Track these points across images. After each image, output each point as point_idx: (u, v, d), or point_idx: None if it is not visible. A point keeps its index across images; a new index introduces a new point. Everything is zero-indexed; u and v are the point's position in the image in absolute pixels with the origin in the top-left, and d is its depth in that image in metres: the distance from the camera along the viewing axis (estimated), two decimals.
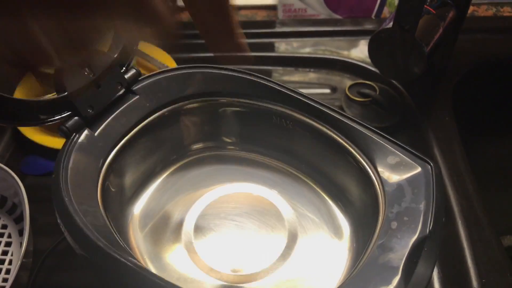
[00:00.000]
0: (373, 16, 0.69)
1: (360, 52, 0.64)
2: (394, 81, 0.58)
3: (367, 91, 0.56)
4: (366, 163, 0.34)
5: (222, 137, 0.42)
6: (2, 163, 0.44)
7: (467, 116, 0.61)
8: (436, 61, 0.58)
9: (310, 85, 0.62)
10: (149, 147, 0.39)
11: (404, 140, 0.53)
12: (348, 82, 0.59)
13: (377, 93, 0.57)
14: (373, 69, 0.60)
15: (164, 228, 0.38)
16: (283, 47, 0.66)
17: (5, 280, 0.43)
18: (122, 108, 0.37)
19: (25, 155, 0.53)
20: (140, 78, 0.38)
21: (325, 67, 0.63)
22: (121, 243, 0.30)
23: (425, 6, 0.50)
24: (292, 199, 0.40)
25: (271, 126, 0.40)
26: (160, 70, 0.40)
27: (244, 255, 0.37)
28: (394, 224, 0.31)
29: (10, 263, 0.44)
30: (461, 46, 0.58)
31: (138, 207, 0.39)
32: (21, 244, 0.42)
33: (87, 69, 0.35)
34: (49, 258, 0.44)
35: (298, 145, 0.40)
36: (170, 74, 0.39)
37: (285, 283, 0.35)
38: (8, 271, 0.43)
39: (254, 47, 0.65)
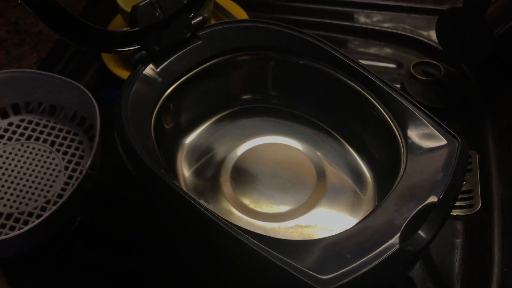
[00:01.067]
0: None
1: (434, 31, 0.62)
2: (462, 65, 0.57)
3: (431, 70, 0.56)
4: (396, 128, 0.36)
5: (269, 91, 0.46)
6: (87, 90, 0.51)
7: None
8: (510, 48, 0.55)
9: (377, 58, 0.62)
10: (203, 90, 0.43)
11: (458, 123, 0.53)
12: (415, 60, 0.59)
13: (441, 73, 0.56)
14: (442, 50, 0.59)
15: (207, 163, 0.43)
16: (360, 18, 0.66)
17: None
18: (184, 50, 0.41)
19: (107, 85, 0.60)
20: (206, 25, 0.42)
21: (396, 43, 0.63)
22: (165, 165, 0.35)
23: None
24: (326, 156, 0.42)
25: (316, 86, 0.42)
26: (225, 21, 0.43)
27: (274, 199, 0.40)
28: (407, 188, 0.32)
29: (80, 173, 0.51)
30: None
31: (188, 140, 0.44)
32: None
33: (158, 10, 0.39)
34: (113, 174, 0.50)
35: (337, 105, 0.42)
36: (233, 25, 0.43)
37: (305, 228, 0.38)
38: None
39: (331, 14, 0.66)
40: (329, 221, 0.39)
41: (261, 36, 0.42)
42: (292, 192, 0.40)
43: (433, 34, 0.63)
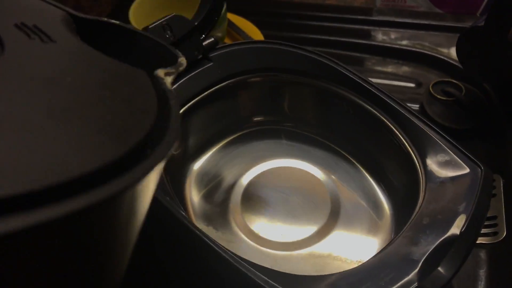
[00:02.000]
0: (478, 13, 0.65)
1: (455, 49, 0.61)
2: (485, 85, 0.55)
3: (451, 90, 0.54)
4: (415, 155, 0.34)
5: (281, 113, 0.44)
6: None
7: None
8: None
9: (395, 77, 0.60)
10: (213, 112, 0.42)
11: (480, 146, 0.50)
12: (434, 79, 0.57)
13: (463, 93, 0.54)
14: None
15: (216, 188, 0.42)
16: (377, 35, 0.65)
17: None
18: (195, 72, 0.40)
19: None
20: (217, 47, 0.41)
21: (414, 61, 0.61)
22: (171, 192, 0.34)
23: None
24: (341, 181, 0.41)
25: (331, 109, 0.41)
26: (237, 42, 0.42)
27: (285, 226, 0.39)
28: (426, 219, 0.30)
29: None
30: None
31: (197, 165, 0.43)
32: None
33: (169, 32, 0.39)
34: None
35: (353, 130, 0.40)
36: (245, 46, 0.42)
37: (318, 258, 0.37)
38: None
39: (348, 33, 0.65)
40: (343, 250, 0.37)
41: (274, 57, 0.41)
42: (305, 219, 0.39)
43: (453, 52, 0.61)
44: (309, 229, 0.38)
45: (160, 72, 0.21)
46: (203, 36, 0.41)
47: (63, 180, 0.12)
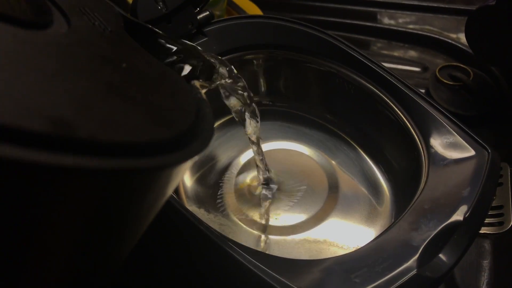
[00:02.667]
0: None
1: (463, 33, 0.58)
2: (494, 69, 0.53)
3: (459, 74, 0.52)
4: (418, 136, 0.32)
5: (278, 93, 0.42)
6: None
7: None
8: None
9: (401, 61, 0.58)
10: (207, 91, 0.40)
11: (487, 133, 0.48)
12: (441, 63, 0.55)
13: (470, 78, 0.52)
14: (472, 52, 0.55)
15: (210, 170, 0.40)
16: (384, 18, 0.63)
17: None
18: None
19: None
20: (213, 21, 0.39)
21: (421, 45, 0.59)
22: None
23: None
24: (339, 164, 0.39)
25: (330, 88, 0.39)
26: (233, 16, 0.40)
27: (280, 209, 0.37)
28: (428, 204, 0.28)
29: None
30: None
31: None
32: None
33: (161, 3, 0.37)
34: None
35: (354, 110, 0.38)
36: (241, 21, 0.40)
37: (312, 243, 0.35)
38: None
39: (353, 14, 0.63)
40: (340, 236, 0.35)
41: (272, 33, 0.39)
42: (301, 203, 0.37)
43: (461, 36, 0.58)
44: (305, 214, 0.36)
45: (196, 83, 0.25)
46: (198, 9, 0.39)
47: (141, 140, 0.14)
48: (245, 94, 0.30)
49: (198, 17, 0.39)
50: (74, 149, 0.12)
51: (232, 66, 0.29)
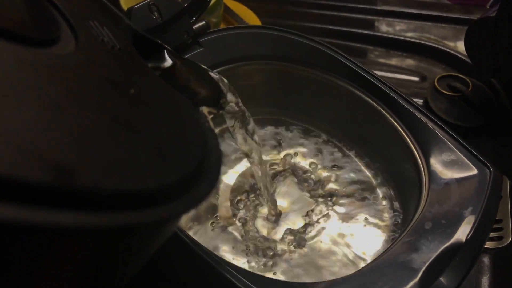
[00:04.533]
0: (488, 5, 0.62)
1: (462, 42, 0.58)
2: (493, 80, 0.52)
3: (457, 85, 0.51)
4: (419, 154, 0.32)
5: (276, 104, 0.41)
6: None
7: None
8: None
9: (398, 70, 0.58)
10: None
11: (486, 145, 0.48)
12: (439, 73, 0.54)
13: (469, 89, 0.51)
14: (471, 63, 0.54)
15: None
16: (381, 26, 0.62)
17: None
18: (184, 57, 0.37)
19: None
20: (209, 31, 0.39)
21: (420, 54, 0.58)
22: None
23: None
24: (336, 177, 0.38)
25: (327, 100, 0.38)
26: (231, 27, 0.40)
27: (271, 223, 0.36)
28: (428, 224, 0.28)
29: None
30: None
31: None
32: None
33: (156, 13, 0.36)
34: None
35: (351, 124, 0.38)
36: (238, 31, 0.39)
37: (310, 262, 0.34)
38: None
39: (351, 22, 0.62)
40: (335, 254, 0.34)
41: (269, 44, 0.38)
42: (293, 219, 0.36)
43: (460, 45, 0.58)
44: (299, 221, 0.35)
45: (205, 110, 0.24)
46: (194, 19, 0.38)
47: (149, 187, 0.13)
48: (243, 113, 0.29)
49: (194, 27, 0.38)
50: (76, 202, 0.11)
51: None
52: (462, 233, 0.27)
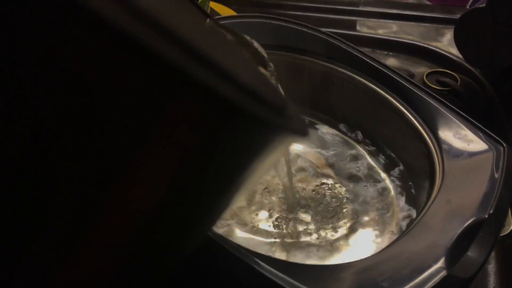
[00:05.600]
0: (468, 5, 0.63)
1: (446, 41, 0.59)
2: (479, 74, 0.53)
3: (447, 80, 0.52)
4: (425, 130, 0.31)
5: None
6: None
7: None
8: None
9: None
10: None
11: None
12: (427, 70, 0.55)
13: (458, 84, 0.52)
14: (456, 59, 0.55)
15: None
16: (364, 27, 0.62)
17: None
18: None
19: None
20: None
21: (404, 52, 0.59)
22: None
23: None
24: (343, 168, 0.37)
25: (330, 89, 0.37)
26: (229, 15, 0.39)
27: (280, 215, 0.34)
28: (449, 201, 0.27)
29: None
30: None
31: None
32: None
33: None
34: None
35: (357, 111, 0.37)
36: (237, 20, 0.38)
37: (328, 249, 0.32)
38: None
39: (335, 23, 0.62)
40: (354, 240, 0.33)
41: (269, 33, 0.38)
42: (308, 205, 0.35)
43: (441, 44, 0.59)
44: (315, 217, 0.34)
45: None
46: None
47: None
48: None
49: None
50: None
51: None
52: (483, 209, 0.26)
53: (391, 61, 0.59)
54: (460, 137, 0.30)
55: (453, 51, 0.52)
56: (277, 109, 0.14)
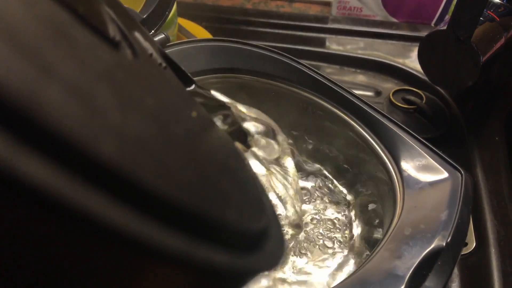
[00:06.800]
0: (433, 23, 0.65)
1: (413, 57, 0.60)
2: (443, 92, 0.54)
3: (412, 98, 0.53)
4: (389, 160, 0.31)
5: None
6: None
7: None
8: (494, 75, 0.53)
9: (353, 86, 0.58)
10: None
11: (445, 155, 0.49)
12: (394, 88, 0.56)
13: (423, 101, 0.53)
14: (422, 76, 0.56)
15: None
16: (333, 44, 0.63)
17: None
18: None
19: None
20: (168, 45, 0.37)
21: (372, 70, 0.60)
22: None
23: (488, 12, 0.46)
24: (304, 193, 0.37)
25: (291, 112, 0.38)
26: (191, 40, 0.38)
27: None
28: (408, 230, 0.27)
29: None
30: None
31: None
32: None
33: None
34: None
35: (316, 134, 0.37)
36: (200, 44, 0.38)
37: (289, 282, 0.33)
38: None
39: (303, 40, 0.63)
40: (311, 269, 0.33)
41: (230, 57, 0.38)
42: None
43: (408, 61, 0.60)
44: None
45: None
46: (152, 32, 0.37)
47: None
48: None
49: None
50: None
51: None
52: (442, 237, 0.26)
53: (359, 78, 0.60)
54: (420, 165, 0.30)
55: (419, 68, 0.53)
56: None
